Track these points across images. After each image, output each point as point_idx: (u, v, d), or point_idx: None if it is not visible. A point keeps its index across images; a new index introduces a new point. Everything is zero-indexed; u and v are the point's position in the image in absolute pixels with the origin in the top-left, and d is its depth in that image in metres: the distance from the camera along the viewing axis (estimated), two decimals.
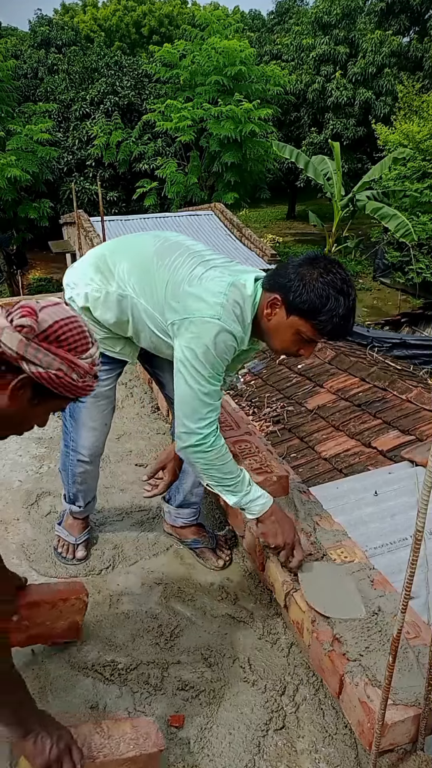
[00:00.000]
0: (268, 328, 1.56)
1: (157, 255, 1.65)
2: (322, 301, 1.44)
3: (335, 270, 1.47)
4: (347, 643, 1.50)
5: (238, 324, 1.54)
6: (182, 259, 1.62)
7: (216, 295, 1.52)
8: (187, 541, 2.13)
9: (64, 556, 2.05)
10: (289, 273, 1.49)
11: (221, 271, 1.58)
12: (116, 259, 1.69)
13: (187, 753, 1.47)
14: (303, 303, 1.46)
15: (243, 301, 1.54)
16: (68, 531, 2.08)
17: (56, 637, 1.70)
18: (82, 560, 2.04)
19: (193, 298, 1.54)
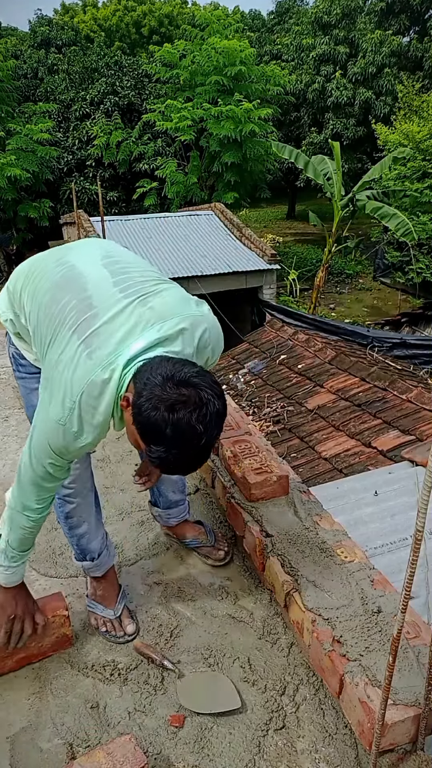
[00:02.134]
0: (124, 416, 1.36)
1: (50, 293, 1.45)
2: (154, 437, 1.24)
3: (190, 409, 1.21)
4: (347, 643, 1.50)
5: (90, 427, 1.35)
6: (67, 311, 1.38)
7: (69, 397, 1.31)
8: (186, 540, 2.13)
9: (113, 634, 1.79)
10: (147, 383, 1.23)
11: (88, 357, 1.31)
12: (22, 286, 1.55)
13: (187, 753, 1.47)
14: (138, 425, 1.25)
15: (103, 400, 1.32)
16: (101, 603, 1.84)
17: (49, 653, 1.71)
18: (134, 634, 1.80)
19: (52, 388, 1.35)
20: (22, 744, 1.50)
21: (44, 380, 1.40)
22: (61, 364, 1.34)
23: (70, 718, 1.56)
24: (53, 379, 1.35)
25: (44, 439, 1.37)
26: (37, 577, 2.04)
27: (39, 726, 1.55)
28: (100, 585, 1.86)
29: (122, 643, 1.77)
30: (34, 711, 1.59)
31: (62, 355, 1.35)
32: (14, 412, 3.24)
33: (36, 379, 1.59)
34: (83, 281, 1.44)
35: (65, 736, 1.52)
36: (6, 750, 1.49)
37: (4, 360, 3.97)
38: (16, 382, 1.78)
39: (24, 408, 1.80)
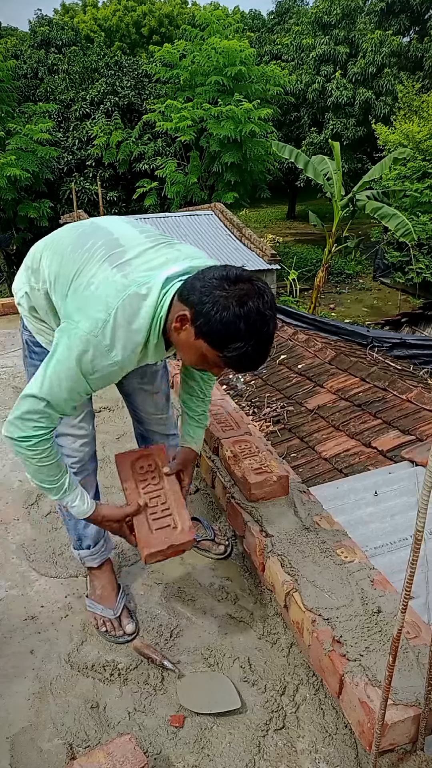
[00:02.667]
0: (177, 342, 1.40)
1: (72, 245, 1.49)
2: (231, 336, 1.27)
3: (254, 298, 1.28)
4: (347, 643, 1.50)
5: (124, 346, 1.35)
6: (95, 251, 1.43)
7: (104, 308, 1.32)
8: None
9: (113, 634, 1.78)
10: (204, 290, 1.28)
11: (124, 276, 1.35)
12: (42, 252, 1.57)
13: (187, 753, 1.47)
14: (210, 331, 1.28)
15: (140, 317, 1.35)
16: (100, 603, 1.84)
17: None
18: (133, 633, 1.79)
19: (82, 305, 1.36)
20: (22, 744, 1.50)
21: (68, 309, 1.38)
22: (92, 285, 1.36)
23: (70, 718, 1.56)
24: (84, 299, 1.35)
25: (69, 356, 1.32)
26: (37, 577, 2.04)
27: (39, 726, 1.55)
28: (99, 583, 1.87)
29: (122, 643, 1.77)
30: (34, 711, 1.59)
31: (93, 278, 1.37)
32: None
33: None
34: (107, 229, 1.50)
35: (65, 736, 1.52)
36: (6, 750, 1.49)
37: (4, 360, 3.97)
38: (27, 372, 1.74)
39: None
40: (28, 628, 1.84)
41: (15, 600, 1.94)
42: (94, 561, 1.86)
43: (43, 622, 1.86)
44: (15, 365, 3.87)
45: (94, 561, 1.86)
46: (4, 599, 1.95)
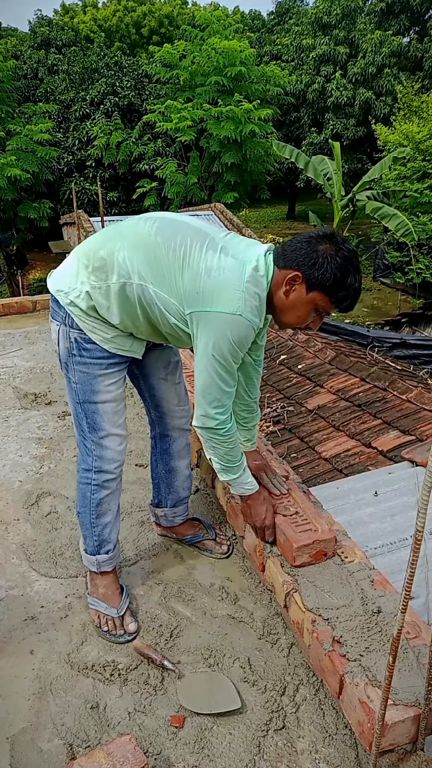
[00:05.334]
0: (284, 305, 1.60)
1: (160, 237, 1.59)
2: (344, 277, 1.51)
3: (347, 245, 1.55)
4: (347, 643, 1.50)
5: (257, 313, 1.56)
6: (189, 241, 1.57)
7: (236, 288, 1.52)
8: (186, 537, 2.13)
9: (114, 633, 1.79)
10: (306, 249, 1.53)
11: (234, 258, 1.55)
12: (112, 249, 1.61)
13: (187, 753, 1.47)
14: (326, 279, 1.51)
15: (259, 289, 1.56)
16: (104, 602, 1.84)
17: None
18: (135, 633, 1.80)
19: (214, 291, 1.52)
20: (22, 744, 1.50)
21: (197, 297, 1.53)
22: (212, 271, 1.53)
23: (70, 718, 1.56)
24: (211, 286, 1.52)
25: (225, 339, 1.53)
26: (38, 577, 2.04)
27: (39, 726, 1.55)
28: (103, 582, 1.86)
29: (122, 643, 1.76)
30: (34, 711, 1.59)
31: (208, 265, 1.53)
32: (14, 412, 3.24)
33: (101, 365, 1.69)
34: (184, 222, 1.65)
35: (65, 736, 1.51)
36: (6, 750, 1.49)
37: (3, 360, 3.97)
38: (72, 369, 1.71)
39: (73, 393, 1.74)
40: (28, 628, 1.84)
41: (15, 600, 1.94)
42: (110, 565, 1.86)
43: (43, 622, 1.86)
44: (15, 365, 3.87)
45: (110, 565, 1.87)
46: (4, 599, 1.95)
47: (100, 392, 1.71)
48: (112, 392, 1.73)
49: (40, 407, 3.29)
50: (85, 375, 1.70)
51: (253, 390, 1.96)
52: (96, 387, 1.70)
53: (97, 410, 1.73)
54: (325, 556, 1.77)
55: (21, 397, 3.40)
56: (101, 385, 1.71)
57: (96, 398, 1.71)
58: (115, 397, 1.74)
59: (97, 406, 1.72)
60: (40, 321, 4.78)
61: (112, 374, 1.72)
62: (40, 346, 4.21)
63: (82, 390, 1.72)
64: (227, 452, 1.72)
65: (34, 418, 3.17)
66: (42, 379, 3.64)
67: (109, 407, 1.73)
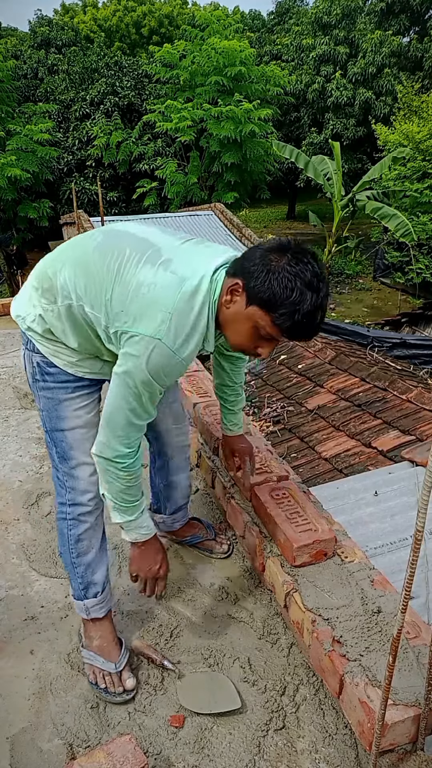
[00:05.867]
0: (226, 319, 1.39)
1: (98, 251, 1.44)
2: (285, 293, 1.27)
3: (306, 260, 1.30)
4: (347, 643, 1.50)
5: (188, 340, 1.35)
6: (127, 254, 1.40)
7: (162, 308, 1.31)
8: (186, 538, 2.13)
9: (111, 691, 1.61)
10: (256, 257, 1.32)
11: (173, 273, 1.35)
12: (56, 268, 1.49)
13: (187, 753, 1.47)
14: (263, 291, 1.28)
15: (200, 307, 1.35)
16: (101, 655, 1.66)
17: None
18: (133, 689, 1.62)
19: (138, 310, 1.34)
20: (22, 744, 1.50)
21: (121, 315, 1.36)
22: (142, 287, 1.34)
23: (70, 718, 1.56)
24: (136, 305, 1.34)
25: (139, 365, 1.34)
26: (38, 578, 2.04)
27: (39, 726, 1.55)
28: (98, 632, 1.69)
29: (119, 703, 1.60)
30: (34, 711, 1.59)
31: (140, 282, 1.35)
32: (14, 412, 3.23)
33: (66, 389, 1.55)
34: (131, 232, 1.47)
35: (65, 736, 1.51)
36: (6, 750, 1.49)
37: (3, 360, 3.97)
38: (38, 395, 1.61)
39: (42, 422, 1.63)
40: (28, 628, 1.84)
41: (15, 600, 1.94)
42: (101, 611, 1.69)
43: (43, 622, 1.86)
44: (15, 365, 3.87)
45: (101, 611, 1.69)
46: (4, 599, 1.95)
47: (67, 418, 1.57)
48: (81, 417, 1.58)
49: None
50: (49, 401, 1.58)
51: (237, 375, 1.85)
52: (62, 413, 1.56)
53: (65, 438, 1.58)
54: (325, 556, 1.77)
55: (21, 397, 3.40)
56: (68, 410, 1.57)
57: (63, 425, 1.57)
58: (86, 422, 1.58)
59: (65, 434, 1.58)
60: None
61: (79, 398, 1.58)
62: None
63: (49, 417, 1.59)
64: (124, 490, 1.48)
65: (34, 418, 3.16)
66: None
67: (78, 434, 1.58)
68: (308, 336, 1.36)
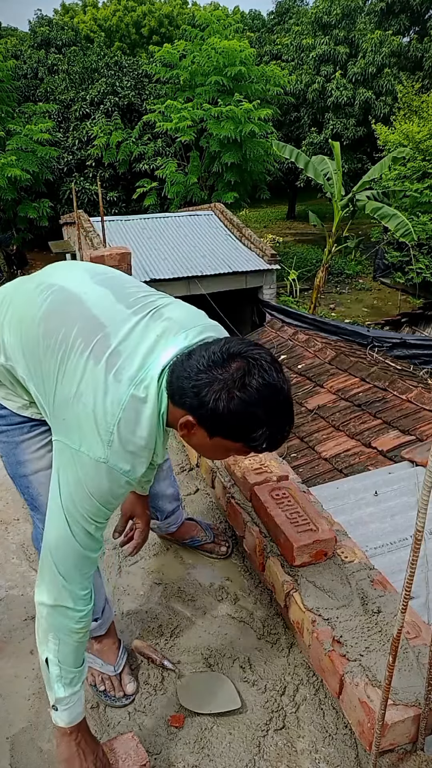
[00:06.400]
0: (191, 444, 1.24)
1: (42, 328, 1.25)
2: (250, 424, 1.11)
3: (255, 374, 1.10)
4: (347, 643, 1.50)
5: (137, 455, 1.19)
6: (72, 340, 1.20)
7: (105, 427, 1.14)
8: (185, 540, 2.12)
9: (111, 695, 1.58)
10: (197, 388, 1.11)
11: (117, 374, 1.16)
12: (1, 319, 1.34)
13: (187, 753, 1.47)
14: (225, 428, 1.13)
15: (145, 422, 1.18)
16: (100, 658, 1.63)
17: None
18: (133, 694, 1.60)
19: (78, 424, 1.16)
20: (22, 744, 1.50)
21: (62, 424, 1.20)
22: (83, 396, 1.16)
23: None
24: (78, 416, 1.16)
25: (83, 491, 1.16)
26: None
27: (39, 726, 1.55)
28: (100, 639, 1.67)
29: (119, 707, 1.58)
30: (34, 711, 1.59)
31: (81, 386, 1.17)
32: None
33: (21, 430, 1.41)
34: (81, 301, 1.26)
35: None
36: (6, 750, 1.49)
37: None
38: None
39: (5, 468, 1.50)
40: (28, 628, 1.84)
41: (15, 600, 1.94)
42: (101, 630, 1.63)
43: None
44: None
45: (102, 629, 1.63)
46: (4, 599, 1.95)
47: (27, 462, 1.42)
48: (44, 458, 1.42)
49: None
50: (5, 445, 1.43)
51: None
52: (21, 456, 1.42)
53: (30, 484, 1.44)
54: (325, 556, 1.77)
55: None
56: (27, 453, 1.42)
57: (24, 470, 1.43)
58: (49, 462, 1.33)
59: (29, 479, 1.44)
60: None
61: (38, 437, 1.42)
62: None
63: (8, 463, 1.46)
64: (76, 648, 1.26)
65: None
66: None
67: (43, 476, 1.42)
68: (285, 439, 1.20)
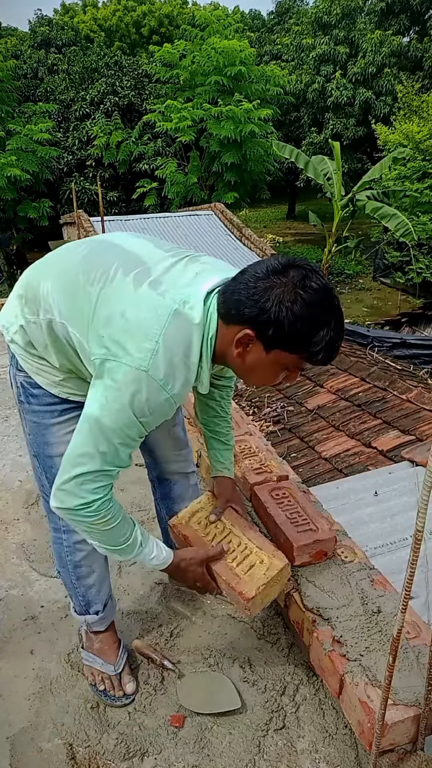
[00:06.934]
0: (241, 367, 1.25)
1: (83, 266, 1.29)
2: (312, 329, 1.13)
3: (312, 278, 1.13)
4: (347, 643, 1.50)
5: (180, 371, 1.18)
6: (113, 271, 1.24)
7: (148, 336, 1.14)
8: None
9: (111, 695, 1.59)
10: (257, 296, 1.13)
11: (163, 293, 1.19)
12: (40, 279, 1.36)
13: (187, 753, 1.47)
14: (288, 337, 1.14)
15: (191, 340, 1.18)
16: (100, 657, 1.64)
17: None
18: (133, 694, 1.61)
19: (122, 336, 1.17)
20: (22, 744, 1.50)
21: (101, 340, 1.19)
22: (126, 312, 1.17)
23: (70, 718, 1.56)
24: (120, 330, 1.16)
25: (119, 403, 1.16)
26: (38, 577, 2.04)
27: (39, 726, 1.55)
28: (98, 637, 1.67)
29: (119, 706, 1.59)
30: (34, 711, 1.59)
31: (123, 304, 1.18)
32: (14, 412, 3.24)
33: (53, 413, 1.42)
34: (120, 245, 1.32)
35: (65, 736, 1.52)
36: (6, 750, 1.49)
37: (3, 360, 3.97)
38: (23, 418, 1.50)
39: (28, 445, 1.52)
40: (28, 628, 1.84)
41: (15, 600, 1.94)
42: (101, 625, 1.65)
43: (43, 622, 1.86)
44: None
45: (102, 625, 1.65)
46: (4, 599, 1.95)
47: (55, 444, 1.44)
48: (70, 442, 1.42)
49: None
50: (36, 425, 1.45)
51: (228, 404, 1.69)
52: (50, 438, 1.44)
53: (54, 465, 1.43)
54: (325, 556, 1.77)
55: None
56: (56, 436, 1.44)
57: (51, 451, 1.45)
58: None
59: (54, 460, 1.44)
60: None
61: (68, 422, 1.43)
62: None
63: (36, 442, 1.47)
64: (104, 534, 1.30)
65: None
66: None
67: None
68: (337, 352, 1.21)
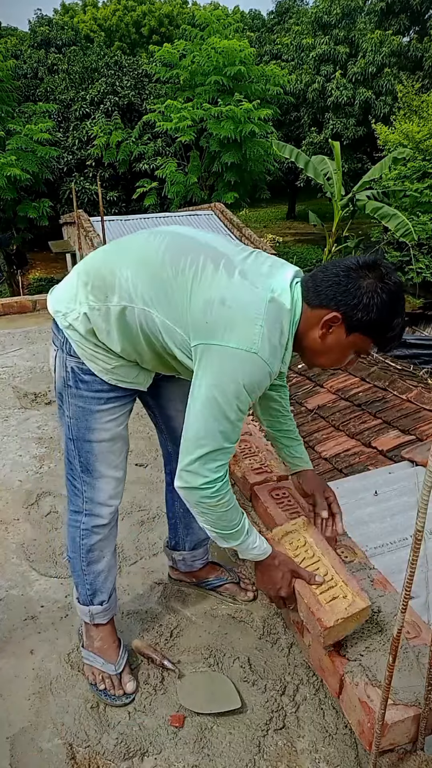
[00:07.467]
0: (318, 348, 1.39)
1: (168, 255, 1.37)
2: (391, 316, 1.31)
3: (392, 278, 1.32)
4: (347, 643, 1.50)
5: (277, 351, 1.32)
6: (201, 261, 1.34)
7: (253, 320, 1.27)
8: (208, 580, 1.96)
9: (111, 694, 1.60)
10: (345, 284, 1.30)
11: (254, 283, 1.31)
12: (114, 266, 1.40)
13: (187, 753, 1.47)
14: (373, 322, 1.31)
15: (283, 324, 1.32)
16: (101, 656, 1.65)
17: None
18: (133, 693, 1.62)
19: (228, 322, 1.27)
20: (22, 744, 1.50)
21: (205, 327, 1.29)
22: (227, 300, 1.28)
23: (70, 718, 1.56)
24: (224, 317, 1.28)
25: (233, 383, 1.28)
26: (38, 577, 2.04)
27: (39, 726, 1.55)
28: (99, 634, 1.67)
29: (119, 706, 1.59)
30: (34, 711, 1.59)
31: (222, 292, 1.30)
32: (14, 412, 3.24)
33: (99, 400, 1.48)
34: (196, 239, 1.42)
35: (65, 736, 1.51)
36: (6, 750, 1.49)
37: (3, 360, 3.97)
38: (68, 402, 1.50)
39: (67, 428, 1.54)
40: (28, 627, 1.84)
41: (15, 600, 1.94)
42: (104, 617, 1.67)
43: (43, 622, 1.86)
44: (15, 365, 3.88)
45: (105, 617, 1.67)
46: (4, 599, 1.95)
47: (96, 430, 1.50)
48: (110, 430, 1.51)
49: (40, 407, 3.29)
50: (80, 410, 1.49)
51: (287, 400, 1.76)
52: (92, 424, 1.50)
53: (91, 449, 1.52)
54: None
55: (21, 396, 3.40)
56: (99, 422, 1.50)
57: (91, 436, 1.51)
58: (113, 435, 1.52)
59: (92, 446, 1.52)
60: (40, 321, 4.78)
61: (112, 410, 1.50)
62: (40, 346, 4.21)
63: (77, 426, 1.51)
64: (220, 517, 1.40)
65: (34, 417, 3.17)
66: (42, 378, 3.64)
67: (105, 446, 1.52)
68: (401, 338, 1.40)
